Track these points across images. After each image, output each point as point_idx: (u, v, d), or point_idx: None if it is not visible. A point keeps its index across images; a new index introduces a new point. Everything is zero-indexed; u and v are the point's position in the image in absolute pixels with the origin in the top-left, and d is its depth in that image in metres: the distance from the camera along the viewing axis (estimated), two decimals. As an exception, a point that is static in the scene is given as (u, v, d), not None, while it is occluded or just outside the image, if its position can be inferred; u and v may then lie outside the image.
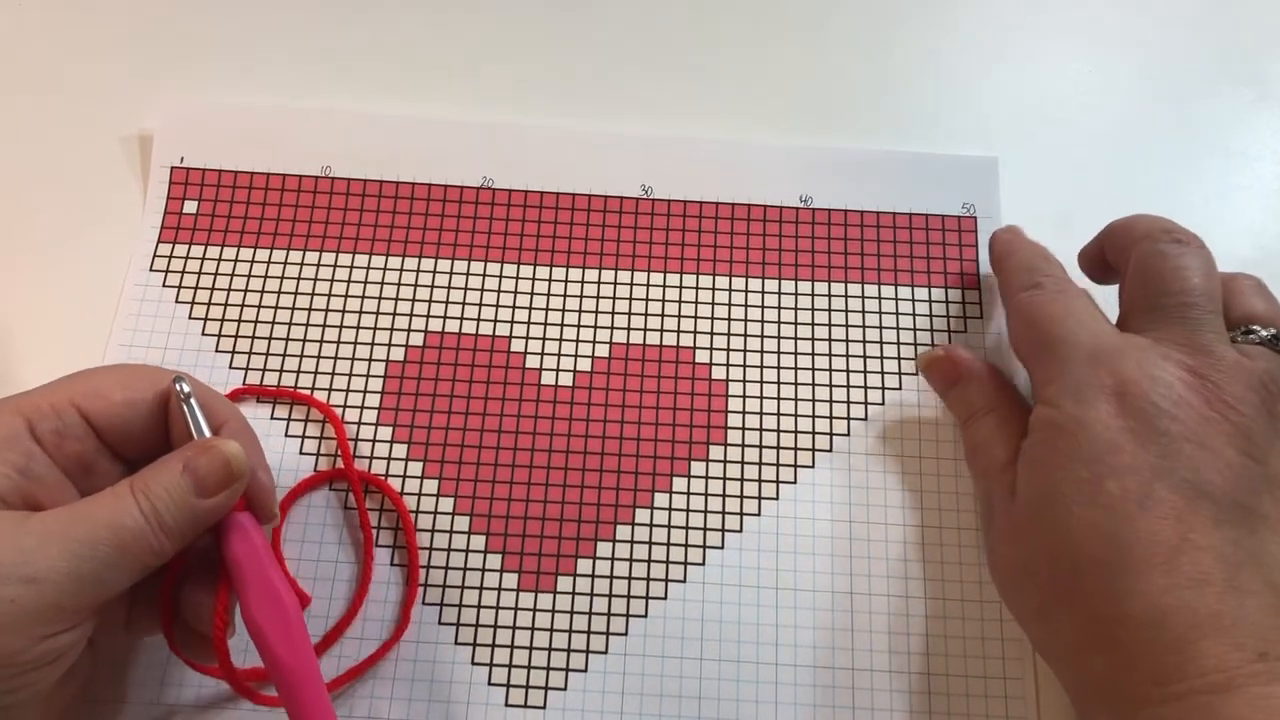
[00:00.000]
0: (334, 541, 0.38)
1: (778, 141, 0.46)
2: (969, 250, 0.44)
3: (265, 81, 0.47)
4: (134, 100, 0.46)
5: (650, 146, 0.45)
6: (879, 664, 0.37)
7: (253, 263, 0.43)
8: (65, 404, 0.30)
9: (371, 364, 0.41)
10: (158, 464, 0.30)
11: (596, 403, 0.41)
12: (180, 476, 0.29)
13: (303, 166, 0.45)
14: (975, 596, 0.38)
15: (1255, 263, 0.45)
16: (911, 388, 0.41)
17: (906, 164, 0.45)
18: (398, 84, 0.48)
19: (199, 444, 0.31)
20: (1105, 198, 0.46)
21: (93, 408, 0.31)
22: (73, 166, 0.45)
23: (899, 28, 0.50)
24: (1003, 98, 0.48)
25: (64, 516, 0.28)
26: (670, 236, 0.44)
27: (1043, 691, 0.37)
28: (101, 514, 0.28)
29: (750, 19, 0.50)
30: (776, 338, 0.42)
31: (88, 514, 0.28)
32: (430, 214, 0.44)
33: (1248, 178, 0.47)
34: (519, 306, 0.42)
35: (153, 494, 0.29)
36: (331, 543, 0.38)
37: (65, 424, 0.30)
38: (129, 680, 0.36)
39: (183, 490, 0.29)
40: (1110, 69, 0.49)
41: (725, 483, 0.39)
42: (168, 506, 0.29)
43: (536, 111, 0.47)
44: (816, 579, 0.38)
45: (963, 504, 0.39)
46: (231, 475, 0.30)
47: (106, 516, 0.28)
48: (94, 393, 0.31)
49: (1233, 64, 0.49)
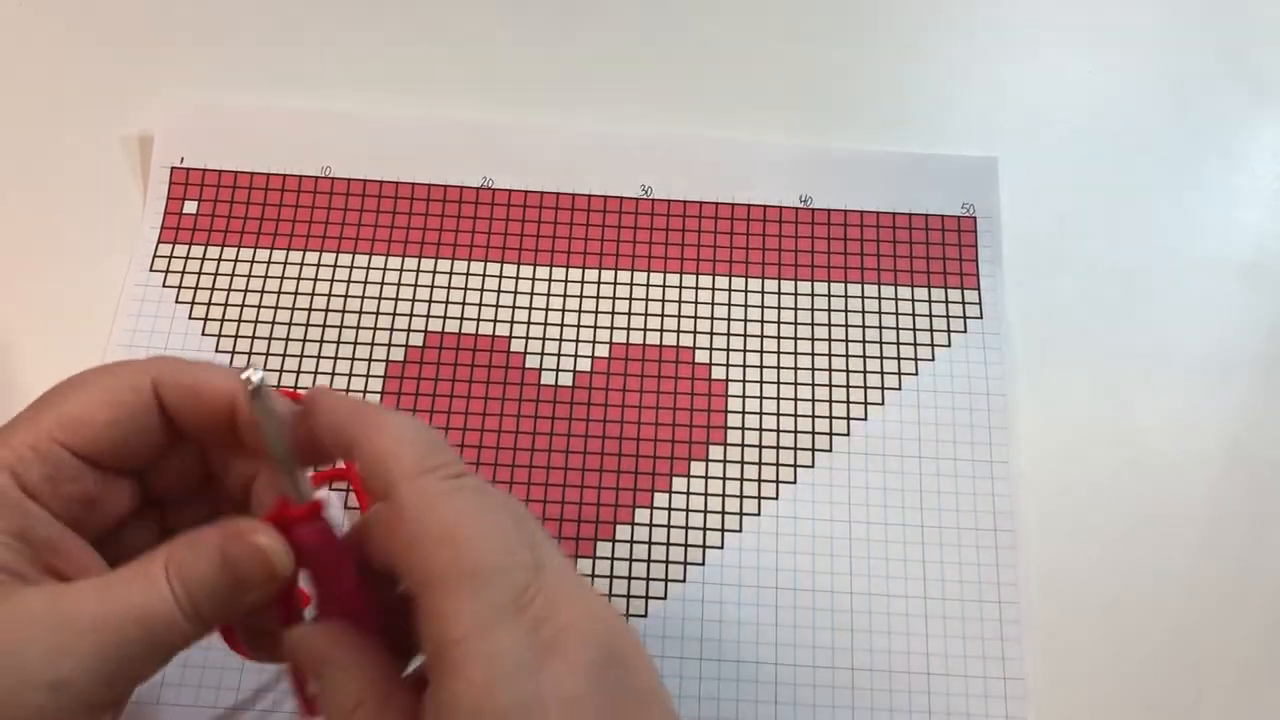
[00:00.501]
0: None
1: (778, 141, 0.46)
2: (969, 250, 0.44)
3: (265, 81, 0.47)
4: (134, 100, 0.46)
5: (650, 146, 0.45)
6: (879, 664, 0.37)
7: (253, 263, 0.43)
8: (48, 443, 0.26)
9: (371, 364, 0.41)
10: (195, 540, 0.26)
11: (596, 403, 0.41)
12: (219, 570, 0.25)
13: (303, 166, 0.45)
14: (975, 596, 0.38)
15: (1255, 263, 0.45)
16: (911, 388, 0.41)
17: (906, 164, 0.45)
18: (398, 84, 0.48)
19: (236, 530, 0.26)
20: (1105, 198, 0.46)
21: (78, 439, 0.27)
22: (73, 166, 0.45)
23: (899, 28, 0.50)
24: (1003, 98, 0.48)
25: (90, 604, 0.25)
26: (670, 236, 0.44)
27: (1042, 691, 0.37)
28: (132, 601, 0.25)
29: (750, 19, 0.50)
30: (776, 338, 0.42)
31: (117, 602, 0.25)
32: (430, 214, 0.44)
33: (1248, 178, 0.47)
34: (519, 306, 0.42)
35: (189, 581, 0.25)
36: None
37: (54, 467, 0.26)
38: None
39: (222, 583, 0.25)
40: (1110, 69, 0.49)
41: (725, 483, 0.39)
42: (207, 597, 0.25)
43: (536, 111, 0.47)
44: (816, 579, 0.38)
45: (962, 504, 0.39)
46: (273, 575, 0.26)
47: (138, 606, 0.25)
48: (76, 421, 0.27)
49: (1233, 64, 0.49)
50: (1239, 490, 0.40)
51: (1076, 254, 0.44)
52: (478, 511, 0.24)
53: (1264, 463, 0.41)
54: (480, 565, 0.23)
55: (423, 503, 0.24)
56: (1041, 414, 0.41)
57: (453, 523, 0.23)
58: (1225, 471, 0.41)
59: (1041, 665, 0.37)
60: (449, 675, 0.22)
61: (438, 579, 0.23)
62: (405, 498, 0.24)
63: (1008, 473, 0.40)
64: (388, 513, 0.24)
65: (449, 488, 0.24)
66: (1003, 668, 0.37)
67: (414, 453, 0.24)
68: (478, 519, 0.24)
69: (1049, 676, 0.37)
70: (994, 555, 0.38)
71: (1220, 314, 0.43)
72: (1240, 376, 0.42)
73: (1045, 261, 0.44)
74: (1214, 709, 0.37)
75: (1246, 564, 0.39)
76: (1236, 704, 0.37)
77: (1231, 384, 0.42)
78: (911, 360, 0.42)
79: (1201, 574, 0.39)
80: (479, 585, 0.23)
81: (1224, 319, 0.43)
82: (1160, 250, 0.45)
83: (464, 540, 0.23)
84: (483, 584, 0.23)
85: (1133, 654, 0.38)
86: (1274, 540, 0.40)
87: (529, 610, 0.23)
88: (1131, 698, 0.37)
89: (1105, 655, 0.38)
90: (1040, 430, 0.41)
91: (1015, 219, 0.44)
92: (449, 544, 0.23)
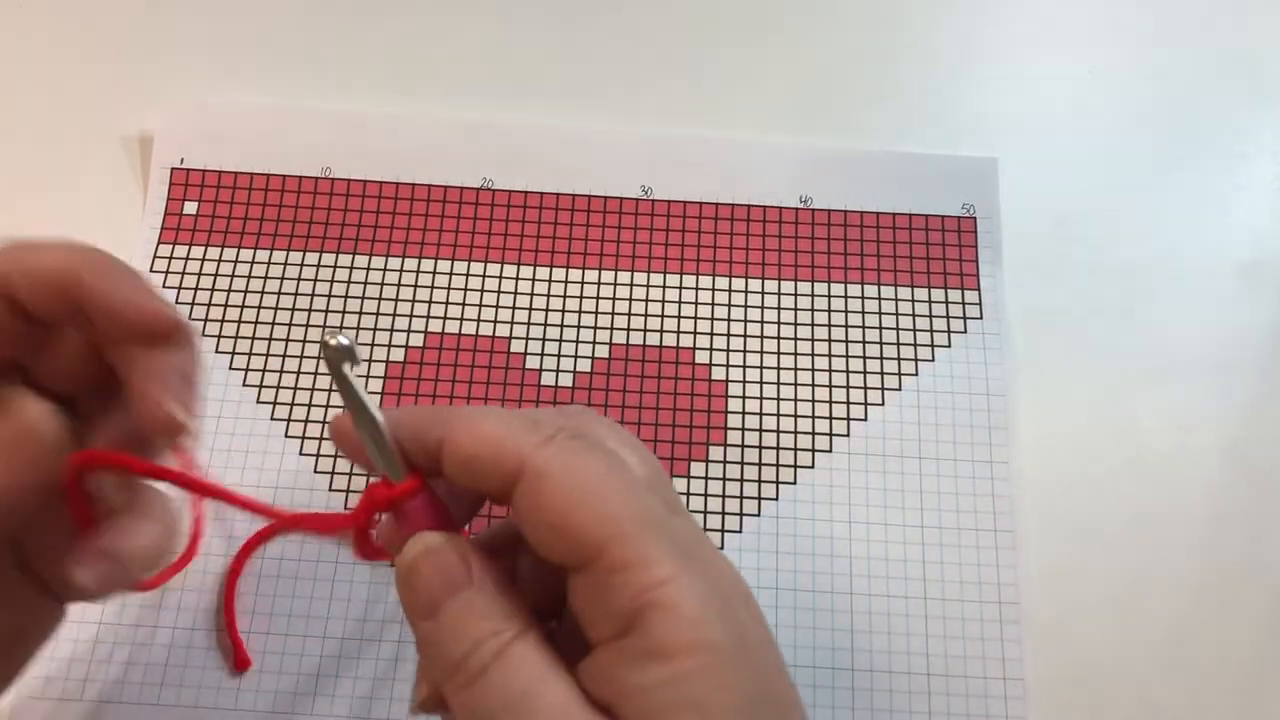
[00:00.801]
0: (334, 543, 0.38)
1: (778, 141, 0.46)
2: (968, 250, 0.44)
3: (265, 82, 0.47)
4: (134, 101, 0.46)
5: (650, 146, 0.45)
6: (879, 664, 0.37)
7: (253, 264, 0.43)
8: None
9: (371, 364, 0.41)
10: None
11: (596, 403, 0.41)
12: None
13: (303, 167, 0.45)
14: (975, 597, 0.38)
15: (1255, 263, 0.45)
16: (911, 388, 0.41)
17: (906, 164, 0.45)
18: (398, 84, 0.48)
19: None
20: (1105, 198, 0.46)
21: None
22: (73, 167, 0.45)
23: (899, 28, 0.50)
24: (1003, 98, 0.48)
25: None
26: (670, 237, 0.44)
27: (1042, 691, 0.37)
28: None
29: (750, 19, 0.50)
30: (776, 338, 0.42)
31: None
32: (430, 214, 0.44)
33: (1248, 178, 0.47)
34: (519, 307, 0.42)
35: None
36: (331, 544, 0.38)
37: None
38: (129, 680, 0.36)
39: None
40: (1110, 70, 0.49)
41: (725, 483, 0.39)
42: None
43: (536, 111, 0.47)
44: (816, 579, 0.38)
45: (962, 504, 0.39)
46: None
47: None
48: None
49: (1233, 64, 0.49)
50: (1239, 490, 0.40)
51: (1076, 254, 0.44)
52: (617, 463, 0.24)
53: (1264, 462, 0.41)
54: (652, 507, 0.23)
55: (568, 464, 0.23)
56: (1041, 414, 0.41)
57: (605, 476, 0.23)
58: (1225, 471, 0.41)
59: (1041, 665, 0.37)
60: (659, 620, 0.21)
61: (617, 535, 0.22)
62: (546, 465, 0.22)
63: (1008, 473, 0.40)
64: (529, 489, 0.23)
65: (580, 446, 0.23)
66: (1003, 668, 0.37)
67: (523, 424, 0.23)
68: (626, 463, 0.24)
69: (1049, 676, 0.37)
70: (994, 555, 0.38)
71: (1220, 314, 0.43)
72: (1240, 376, 0.42)
73: (1045, 261, 0.44)
74: (1214, 709, 0.37)
75: (1246, 563, 0.39)
76: (1236, 704, 0.37)
77: (1231, 384, 0.42)
78: (911, 360, 0.42)
79: (1201, 574, 0.39)
80: (660, 527, 0.22)
81: (1224, 319, 0.43)
82: (1160, 250, 0.45)
83: (629, 488, 0.23)
84: (661, 524, 0.22)
85: (1133, 654, 0.38)
86: (1274, 539, 0.40)
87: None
88: (1131, 698, 0.37)
89: (1105, 655, 0.38)
90: (1040, 430, 0.41)
91: (1015, 219, 0.44)
92: (616, 497, 0.22)
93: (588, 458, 0.23)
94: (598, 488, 0.22)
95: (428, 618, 0.23)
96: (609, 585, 0.22)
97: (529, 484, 0.23)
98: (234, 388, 0.40)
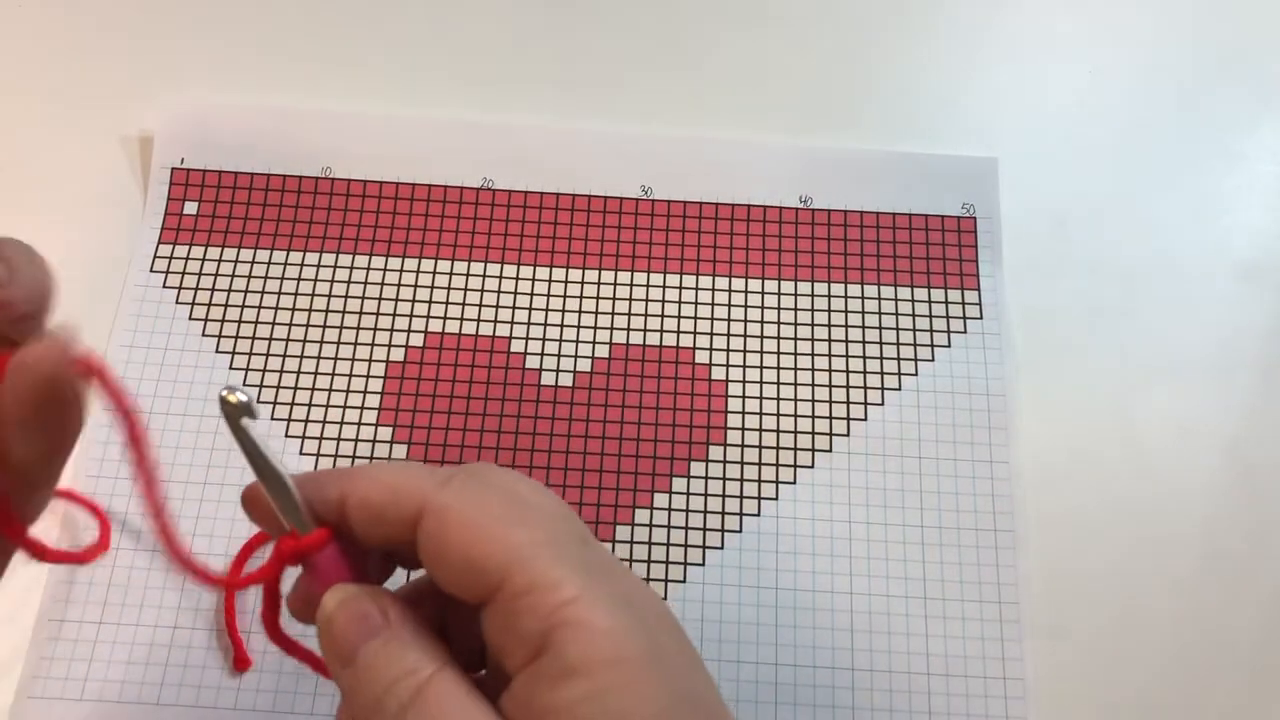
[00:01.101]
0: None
1: (778, 141, 0.46)
2: (968, 251, 0.44)
3: (265, 82, 0.47)
4: (134, 101, 0.46)
5: (650, 146, 0.45)
6: (879, 664, 0.37)
7: (253, 264, 0.43)
8: None
9: (371, 364, 0.41)
10: None
11: (596, 403, 0.41)
12: None
13: (303, 167, 0.45)
14: (975, 597, 0.38)
15: (1255, 262, 0.45)
16: (911, 388, 0.41)
17: (906, 164, 0.45)
18: (398, 84, 0.48)
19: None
20: (1105, 198, 0.46)
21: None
22: (73, 167, 0.45)
23: (899, 28, 0.50)
24: (1003, 98, 0.48)
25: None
26: (670, 237, 0.44)
27: (1042, 691, 0.37)
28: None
29: (750, 19, 0.50)
30: (776, 338, 0.42)
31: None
32: (430, 214, 0.44)
33: (1248, 178, 0.47)
34: (519, 307, 0.42)
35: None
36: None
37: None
38: (128, 680, 0.36)
39: None
40: (1110, 70, 0.49)
41: (725, 483, 0.39)
42: None
43: (536, 111, 0.47)
44: (816, 579, 0.38)
45: (962, 504, 0.39)
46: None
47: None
48: None
49: (1233, 64, 0.49)
50: (1238, 490, 0.40)
51: (1076, 254, 0.44)
52: (517, 497, 0.24)
53: (1264, 462, 0.41)
54: (557, 533, 0.23)
55: (467, 500, 0.23)
56: (1041, 414, 0.41)
57: (506, 507, 0.23)
58: (1225, 471, 0.41)
59: (1041, 665, 0.37)
60: (571, 638, 0.21)
61: (519, 559, 0.22)
62: (446, 502, 0.23)
63: (1008, 473, 0.40)
64: (431, 527, 0.23)
65: (479, 483, 0.24)
66: (1003, 668, 0.37)
67: (421, 472, 0.24)
68: (528, 499, 0.24)
69: (1049, 676, 0.37)
70: (994, 555, 0.38)
71: (1220, 314, 0.43)
72: (1240, 377, 0.42)
73: (1045, 261, 0.44)
74: (1214, 709, 0.37)
75: (1246, 564, 0.39)
76: (1236, 704, 0.37)
77: (1231, 384, 0.42)
78: (911, 360, 0.42)
79: (1201, 574, 0.39)
80: (564, 550, 0.22)
81: (1224, 319, 0.43)
82: (1160, 250, 0.45)
83: (531, 518, 0.23)
84: (566, 549, 0.23)
85: (1133, 654, 0.38)
86: (1273, 540, 0.40)
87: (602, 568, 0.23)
88: (1131, 698, 0.37)
89: (1105, 655, 0.38)
90: (1040, 430, 0.41)
91: (1015, 219, 0.44)
92: (518, 525, 0.23)
93: (487, 492, 0.24)
94: (499, 516, 0.23)
95: (347, 665, 0.23)
96: (516, 611, 0.22)
97: (430, 522, 0.23)
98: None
